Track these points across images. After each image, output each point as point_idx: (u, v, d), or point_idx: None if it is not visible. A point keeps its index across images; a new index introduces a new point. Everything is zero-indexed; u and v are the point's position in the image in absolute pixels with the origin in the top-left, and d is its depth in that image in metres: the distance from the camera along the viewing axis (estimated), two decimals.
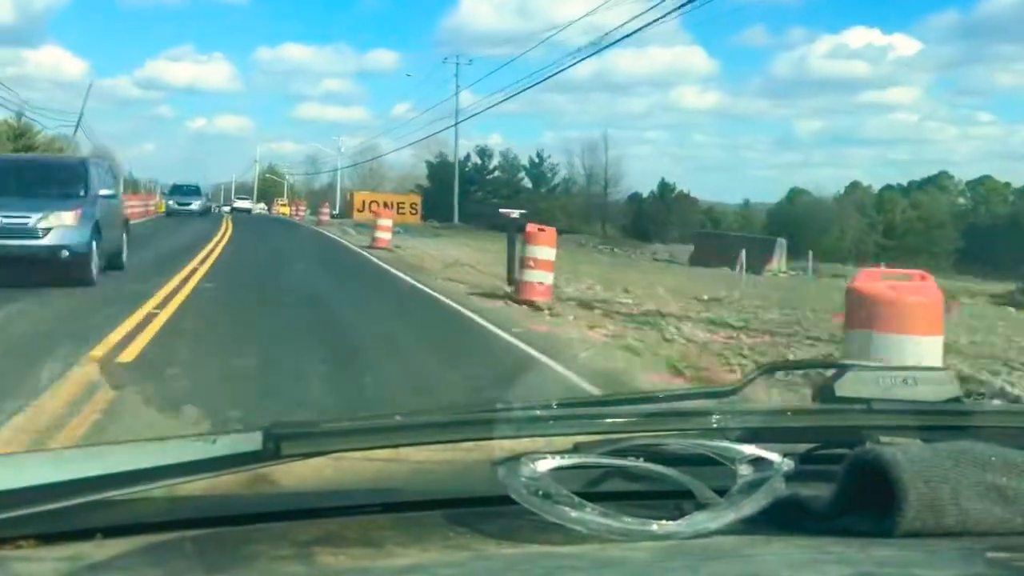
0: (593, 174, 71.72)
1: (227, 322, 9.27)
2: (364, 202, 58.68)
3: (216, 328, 8.80)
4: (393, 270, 16.67)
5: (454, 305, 11.31)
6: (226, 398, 5.63)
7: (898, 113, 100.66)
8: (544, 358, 7.68)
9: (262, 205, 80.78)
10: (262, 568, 0.79)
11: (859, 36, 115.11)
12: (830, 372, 1.07)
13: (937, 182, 70.91)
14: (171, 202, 40.97)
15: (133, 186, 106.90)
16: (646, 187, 71.57)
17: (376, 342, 8.48)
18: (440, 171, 71.48)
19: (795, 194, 70.82)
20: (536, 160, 75.00)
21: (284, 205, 73.08)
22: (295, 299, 11.25)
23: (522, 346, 8.31)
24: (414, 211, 60.57)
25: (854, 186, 71.80)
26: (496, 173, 74.88)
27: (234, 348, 7.50)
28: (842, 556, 0.80)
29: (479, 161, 74.65)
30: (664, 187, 70.37)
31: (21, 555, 0.79)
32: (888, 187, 70.66)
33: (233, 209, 65.21)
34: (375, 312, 10.86)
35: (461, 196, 66.01)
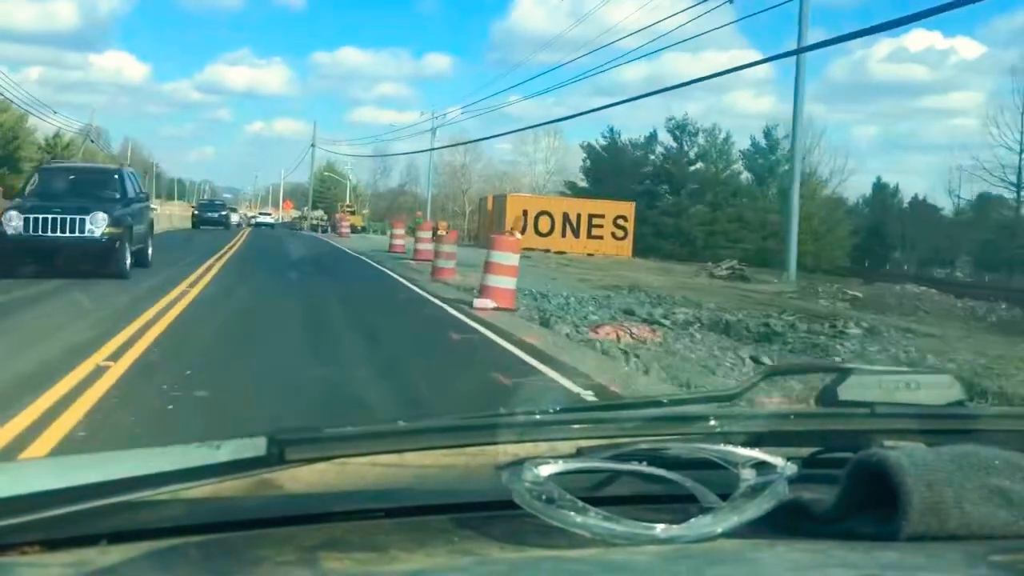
0: (813, 166, 43.23)
1: None
2: (523, 216, 31.89)
3: None
4: None
5: None
6: None
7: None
8: None
9: (320, 213, 63.33)
10: (267, 573, 0.79)
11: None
12: (832, 376, 1.07)
13: None
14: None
15: (177, 189, 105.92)
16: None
17: None
18: (612, 161, 44.66)
19: None
20: (763, 143, 44.86)
21: (352, 211, 56.60)
22: None
23: None
24: (621, 232, 33.88)
25: None
26: (699, 164, 45.38)
27: None
28: (845, 560, 0.80)
29: (674, 144, 44.61)
30: (880, 190, 44.89)
31: (26, 561, 0.79)
32: None
33: (257, 224, 60.17)
34: None
35: (647, 203, 39.63)
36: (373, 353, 8.27)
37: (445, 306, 12.05)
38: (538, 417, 0.98)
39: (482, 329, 9.90)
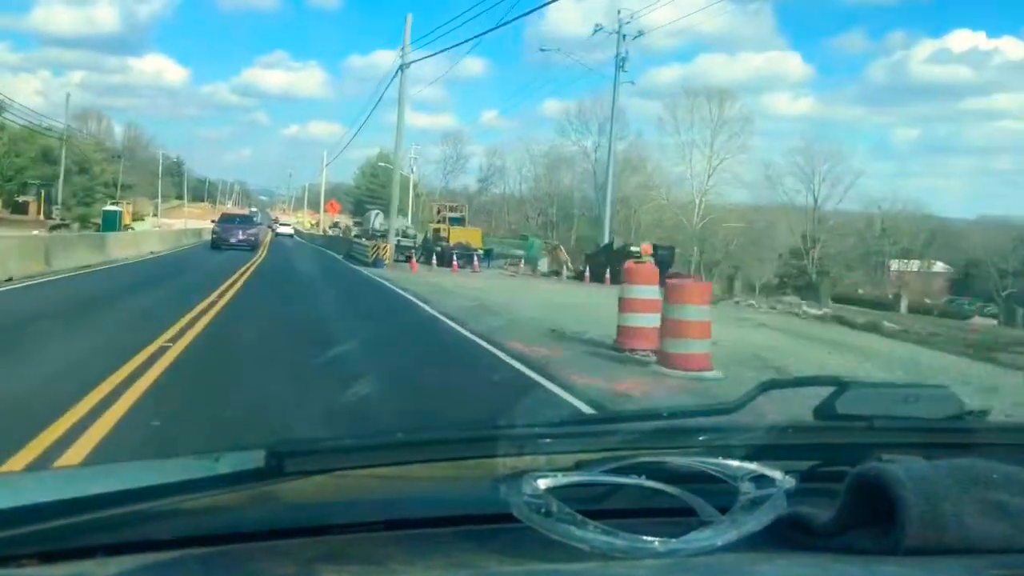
0: None
1: None
2: None
3: None
4: None
5: None
6: None
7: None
8: None
9: (406, 223, 37.63)
10: None
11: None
12: (830, 390, 1.07)
13: None
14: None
15: (207, 191, 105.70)
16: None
17: None
18: None
19: None
20: None
21: (458, 218, 36.13)
22: None
23: None
24: None
25: None
26: None
27: None
28: (844, 573, 0.80)
29: None
30: None
31: (23, 574, 0.79)
32: None
33: (276, 234, 51.38)
34: None
35: None
36: None
37: None
38: (537, 430, 0.97)
39: None
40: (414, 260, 29.66)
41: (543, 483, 0.85)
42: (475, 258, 30.93)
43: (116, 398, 5.54)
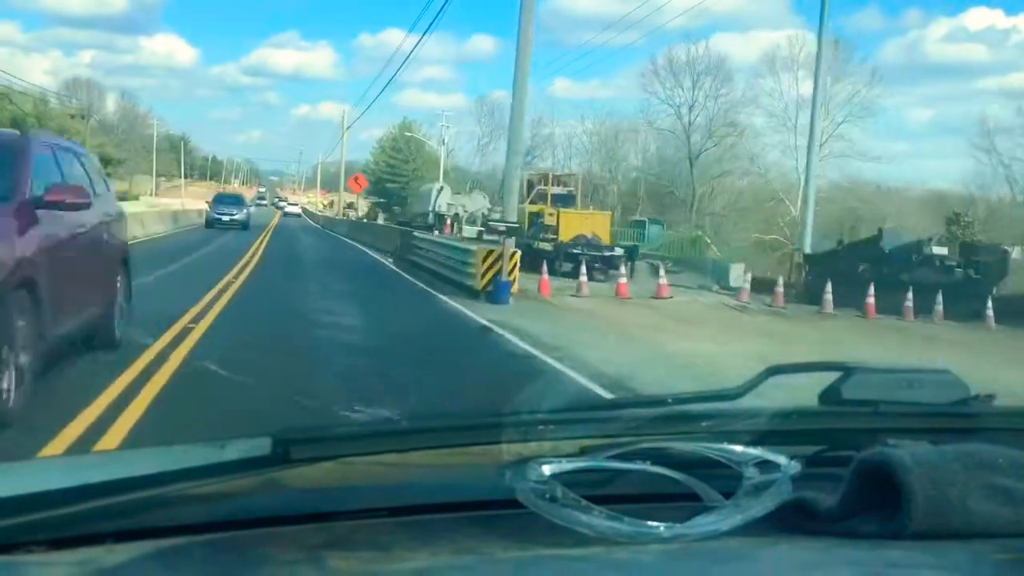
0: None
1: None
2: None
3: None
4: None
5: None
6: None
7: None
8: None
9: (485, 203, 27.80)
10: (272, 572, 0.79)
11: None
12: (836, 374, 1.07)
13: None
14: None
15: (210, 168, 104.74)
16: None
17: None
18: None
19: None
20: None
21: (564, 194, 22.52)
22: None
23: None
24: None
25: None
26: None
27: None
28: (849, 558, 0.80)
29: None
30: None
31: (32, 560, 0.79)
32: None
33: (284, 214, 49.57)
34: None
35: None
36: None
37: None
38: (542, 416, 0.98)
39: None
40: (545, 275, 15.57)
41: (548, 469, 0.86)
42: (658, 271, 17.01)
43: None
